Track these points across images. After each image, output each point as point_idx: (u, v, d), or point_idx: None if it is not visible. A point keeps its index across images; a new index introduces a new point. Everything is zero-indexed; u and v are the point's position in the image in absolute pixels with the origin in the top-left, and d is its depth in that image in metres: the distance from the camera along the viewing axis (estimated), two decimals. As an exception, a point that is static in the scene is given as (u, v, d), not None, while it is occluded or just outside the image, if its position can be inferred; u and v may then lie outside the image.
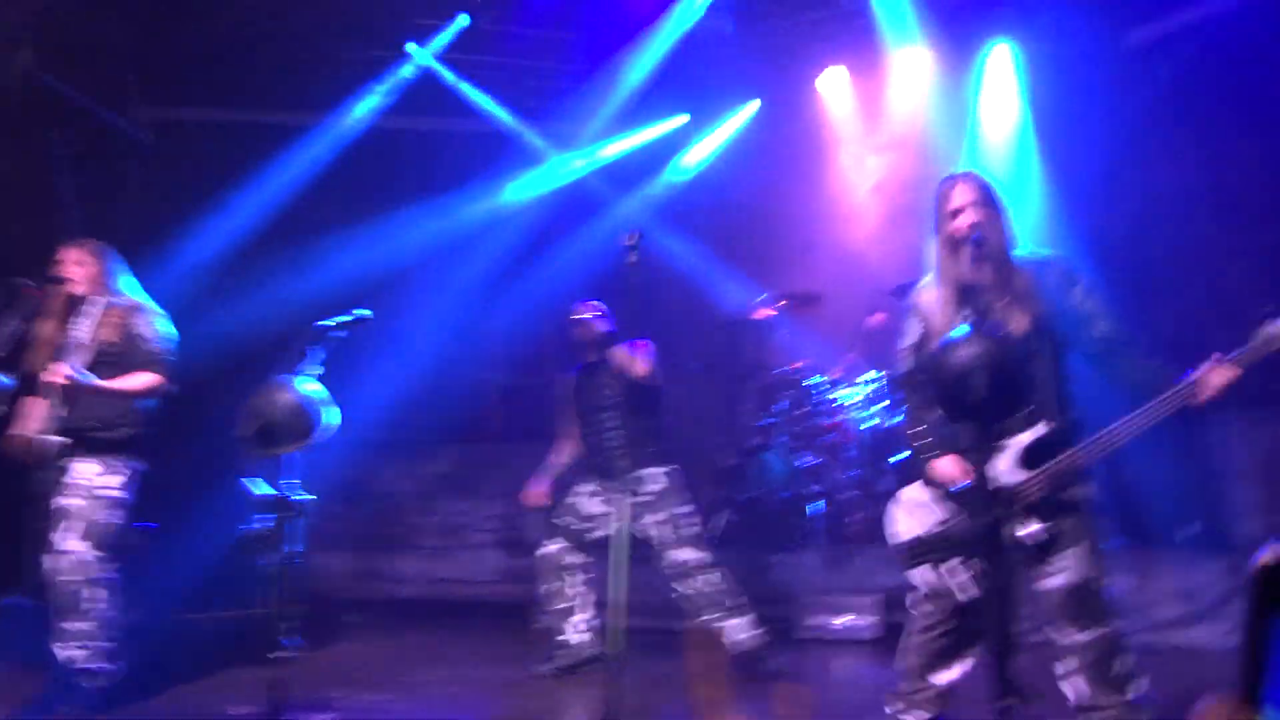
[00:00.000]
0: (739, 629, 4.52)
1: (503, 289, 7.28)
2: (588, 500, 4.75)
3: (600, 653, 4.70)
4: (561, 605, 4.71)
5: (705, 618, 4.54)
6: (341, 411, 3.64)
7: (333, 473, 6.79)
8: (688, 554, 4.55)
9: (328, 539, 7.04)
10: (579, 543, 4.74)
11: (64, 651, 3.83)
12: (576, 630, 4.70)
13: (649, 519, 4.59)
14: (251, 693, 4.20)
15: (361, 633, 6.16)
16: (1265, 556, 0.94)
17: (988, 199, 2.97)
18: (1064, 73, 6.96)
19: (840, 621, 5.57)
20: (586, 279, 4.81)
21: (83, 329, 4.12)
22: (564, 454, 5.00)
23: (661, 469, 4.68)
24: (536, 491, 4.91)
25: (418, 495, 7.27)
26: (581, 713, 4.25)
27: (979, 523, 2.42)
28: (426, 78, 7.60)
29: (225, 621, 5.49)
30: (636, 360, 4.58)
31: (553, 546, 4.74)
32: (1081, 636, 2.75)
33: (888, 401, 6.61)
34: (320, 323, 3.65)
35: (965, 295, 2.96)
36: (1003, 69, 7.28)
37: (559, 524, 4.76)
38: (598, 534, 4.71)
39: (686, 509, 4.66)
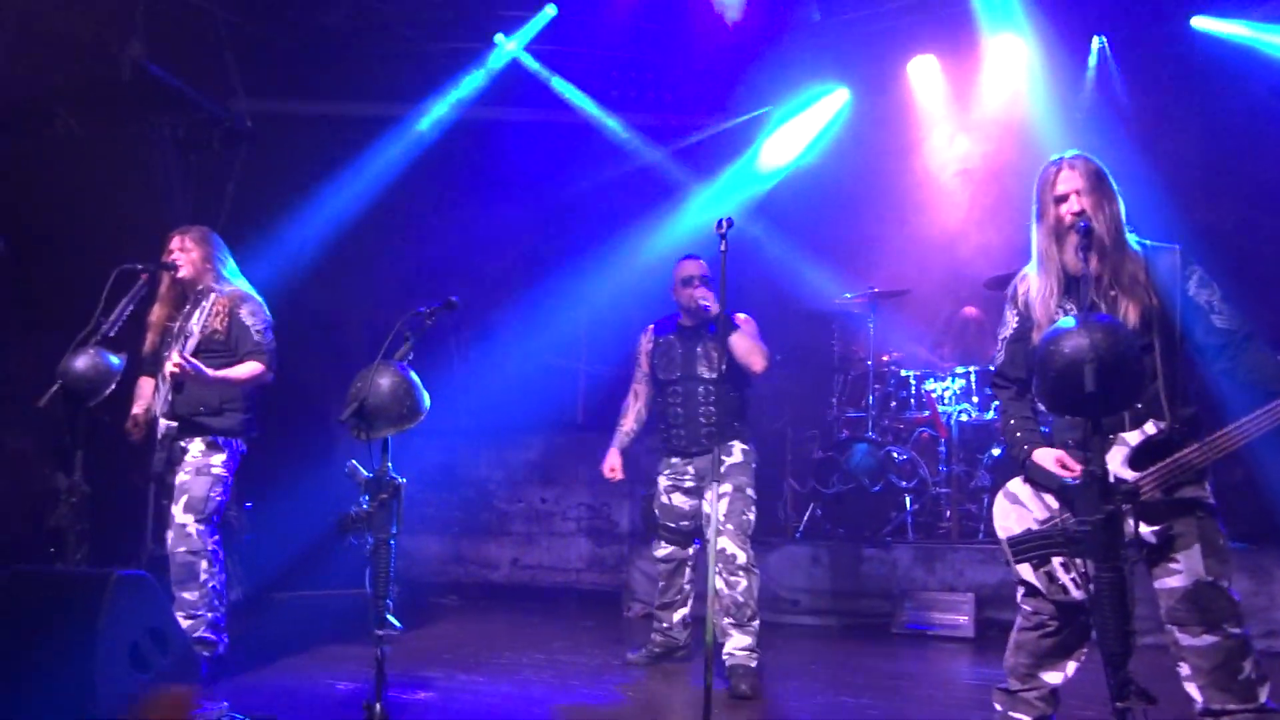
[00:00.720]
0: (745, 646, 4.22)
1: (589, 279, 7.32)
2: (675, 498, 4.60)
3: (687, 644, 4.74)
4: (670, 599, 4.69)
5: (720, 620, 4.23)
6: (434, 399, 3.71)
7: (427, 459, 7.00)
8: (736, 545, 4.26)
9: (423, 524, 7.24)
10: (685, 540, 4.65)
11: (183, 622, 4.00)
12: (676, 623, 4.70)
13: (714, 490, 4.21)
14: (353, 669, 4.36)
15: (455, 615, 6.30)
16: None
17: (1097, 184, 2.86)
18: (1168, 63, 6.70)
19: (940, 618, 5.49)
20: (673, 268, 4.72)
21: (192, 317, 4.29)
22: (631, 419, 4.78)
23: (742, 445, 4.46)
24: (611, 465, 4.74)
25: (507, 482, 7.39)
26: (678, 699, 4.26)
27: (1084, 522, 2.34)
28: (514, 68, 7.67)
29: (324, 600, 5.67)
30: (759, 354, 4.35)
31: (663, 550, 4.67)
32: (1204, 639, 2.63)
33: (980, 396, 6.46)
34: (417, 310, 3.72)
35: (1070, 285, 2.87)
36: (1104, 60, 7.04)
37: (662, 529, 4.64)
38: (693, 526, 4.62)
39: (752, 494, 4.41)
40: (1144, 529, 2.69)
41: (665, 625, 4.70)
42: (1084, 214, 2.81)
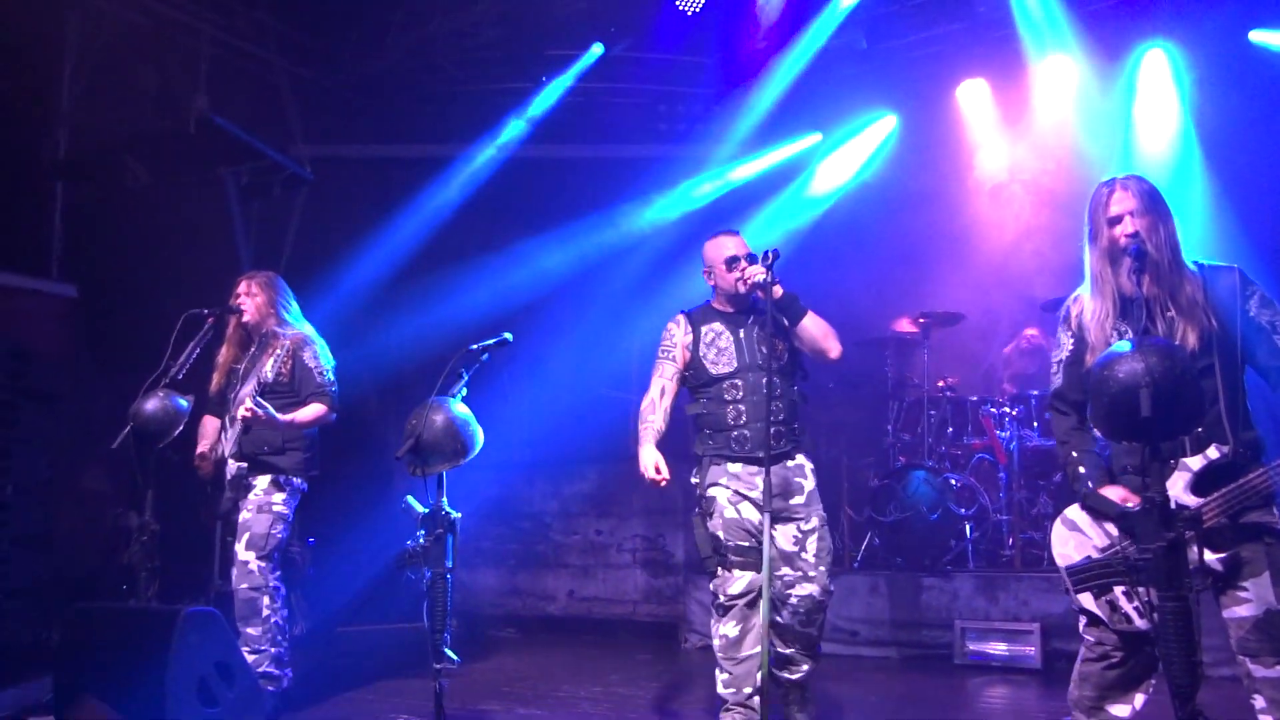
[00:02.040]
0: (813, 674, 3.83)
1: (640, 310, 7.37)
2: (744, 509, 3.68)
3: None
4: (748, 650, 3.69)
5: (793, 668, 3.75)
6: (488, 433, 3.77)
7: (482, 493, 7.08)
8: (825, 590, 3.69)
9: (479, 557, 7.31)
10: (761, 562, 3.53)
11: (248, 656, 4.10)
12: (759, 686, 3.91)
13: (798, 526, 3.69)
14: (413, 703, 4.41)
15: (512, 647, 6.35)
16: None
17: (1150, 205, 2.82)
18: (1230, 75, 6.58)
19: (1004, 649, 5.37)
20: (706, 249, 4.42)
21: (258, 360, 4.43)
22: (662, 418, 3.86)
23: (809, 461, 3.81)
24: (656, 464, 3.72)
25: (562, 515, 7.43)
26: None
27: (1146, 550, 2.29)
28: (564, 106, 7.80)
29: (384, 634, 5.75)
30: (834, 336, 3.77)
31: (737, 582, 3.67)
32: (1278, 670, 2.55)
33: (1039, 420, 6.35)
34: (470, 347, 3.80)
35: (1126, 308, 2.83)
36: (1159, 74, 6.92)
37: (730, 553, 3.66)
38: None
39: (825, 515, 3.80)
40: (1210, 556, 2.62)
41: (749, 692, 3.60)
42: (1137, 235, 2.77)
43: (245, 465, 4.36)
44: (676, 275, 7.46)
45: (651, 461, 3.73)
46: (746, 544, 3.64)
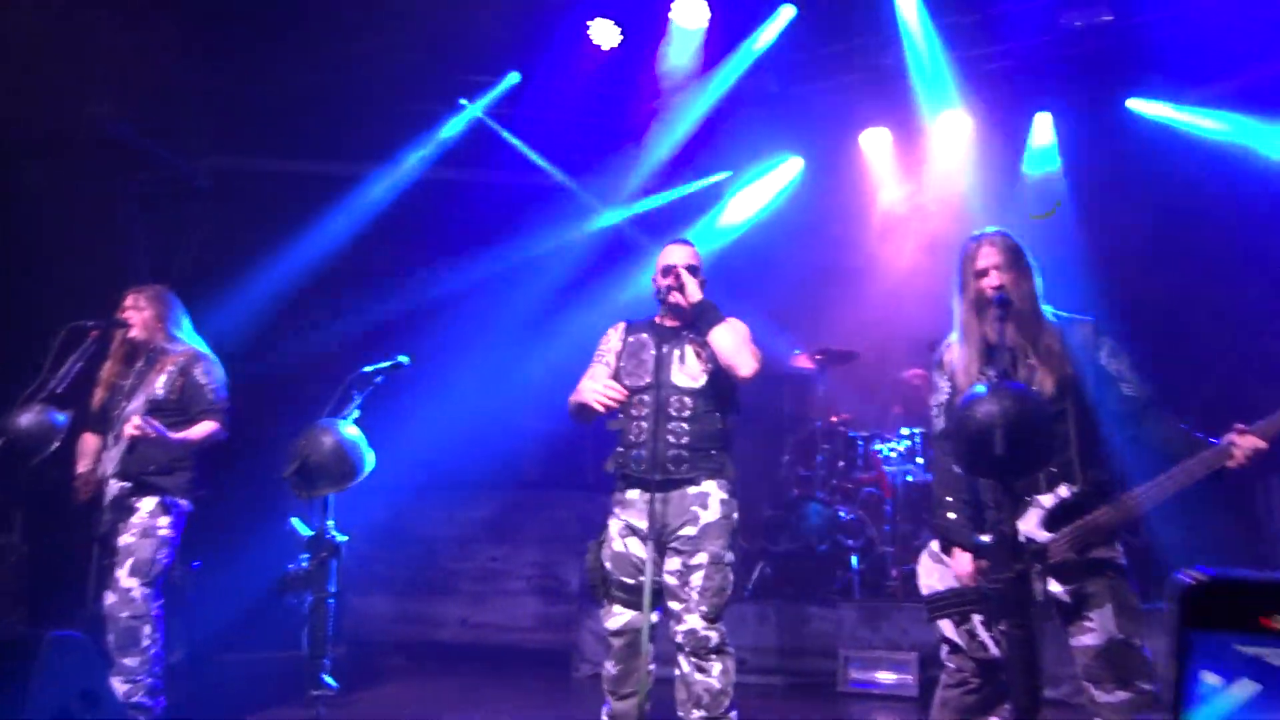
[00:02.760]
0: None
1: (542, 336, 7.42)
2: (631, 544, 3.51)
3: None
4: (627, 687, 3.52)
5: (691, 715, 3.37)
6: (384, 455, 3.76)
7: (376, 516, 6.98)
8: (708, 626, 3.37)
9: (369, 582, 7.18)
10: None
11: (121, 686, 3.96)
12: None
13: (684, 560, 3.42)
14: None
15: (401, 675, 6.24)
16: (1187, 578, 1.01)
17: (1014, 260, 3.02)
18: (1106, 139, 7.01)
19: (885, 677, 5.53)
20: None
21: (145, 376, 4.32)
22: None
23: (722, 491, 3.52)
24: (600, 388, 3.46)
25: (457, 540, 7.36)
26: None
27: (995, 581, 2.44)
28: (478, 130, 7.84)
29: (265, 661, 5.60)
30: (748, 354, 3.50)
31: (616, 618, 3.52)
32: (1118, 695, 2.73)
33: (925, 457, 6.60)
34: (363, 369, 3.79)
35: (991, 355, 3.01)
36: (1044, 135, 7.36)
37: (614, 588, 3.51)
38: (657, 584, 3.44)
39: (731, 559, 3.48)
40: (1058, 588, 2.80)
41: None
42: (1002, 288, 2.96)
43: (128, 485, 4.21)
44: (580, 302, 7.54)
45: (592, 386, 3.48)
46: (630, 581, 3.46)
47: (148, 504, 4.21)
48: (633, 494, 3.53)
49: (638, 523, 3.47)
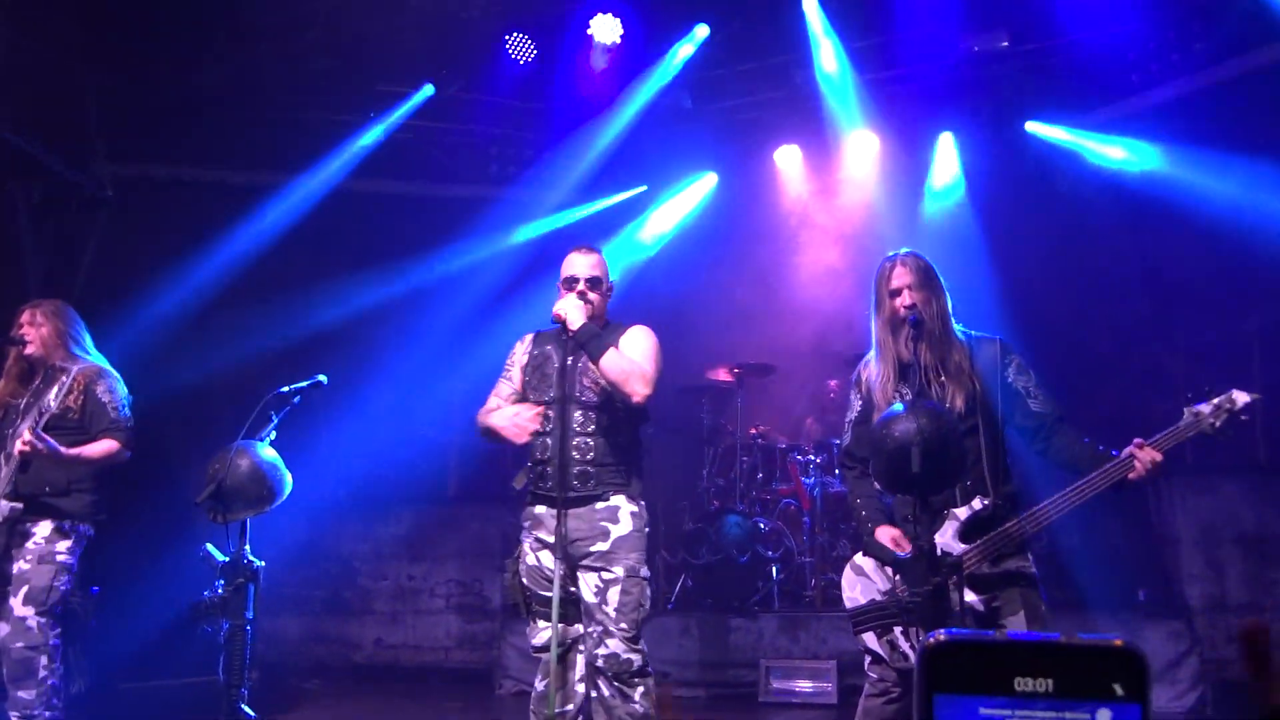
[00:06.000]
0: None
1: (462, 351, 7.35)
2: (544, 557, 3.43)
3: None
4: (558, 707, 3.44)
5: None
6: (299, 474, 3.67)
7: (288, 535, 6.78)
8: (629, 648, 3.31)
9: (283, 603, 6.97)
10: (570, 613, 3.44)
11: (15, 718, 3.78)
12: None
13: (599, 575, 3.34)
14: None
15: (317, 699, 6.09)
16: (932, 640, 1.07)
17: (926, 280, 3.13)
18: (1006, 160, 7.30)
19: (805, 686, 5.63)
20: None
21: (42, 393, 4.13)
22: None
23: (632, 504, 3.45)
24: (519, 412, 3.43)
25: (372, 557, 7.21)
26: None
27: (914, 593, 2.53)
28: (393, 142, 7.72)
29: (174, 690, 5.40)
30: (638, 375, 3.35)
31: (542, 634, 3.45)
32: None
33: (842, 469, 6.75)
34: (281, 389, 3.71)
35: (905, 372, 3.12)
36: (947, 155, 7.61)
37: (536, 604, 3.47)
38: (576, 595, 3.42)
39: (646, 574, 3.41)
40: (973, 598, 2.90)
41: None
42: (915, 307, 3.07)
43: (19, 507, 4.01)
44: (501, 316, 7.49)
45: (510, 411, 3.41)
46: (546, 593, 3.37)
47: (44, 528, 4.04)
48: (541, 510, 3.45)
49: (548, 538, 3.40)
